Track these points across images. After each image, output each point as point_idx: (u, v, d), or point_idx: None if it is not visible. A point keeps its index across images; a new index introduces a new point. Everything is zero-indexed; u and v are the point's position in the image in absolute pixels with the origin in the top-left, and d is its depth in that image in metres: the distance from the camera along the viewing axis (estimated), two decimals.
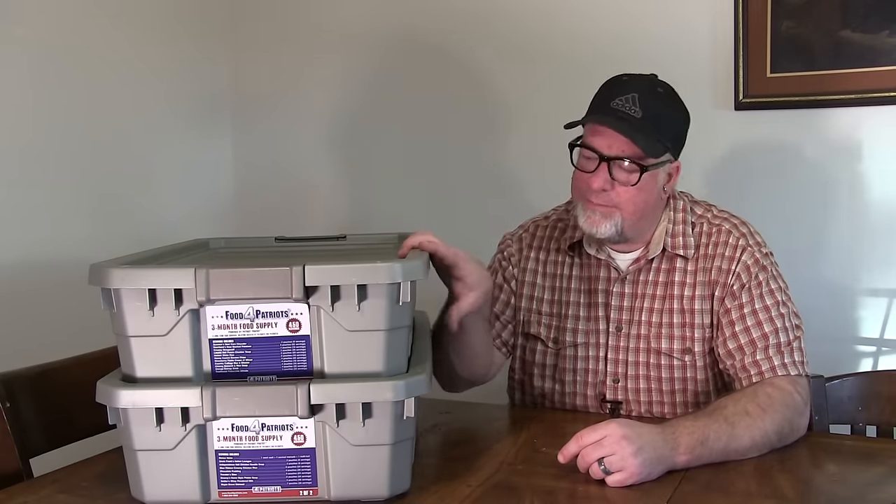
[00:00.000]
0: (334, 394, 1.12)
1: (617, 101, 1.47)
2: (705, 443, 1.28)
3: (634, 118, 1.45)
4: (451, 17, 2.38)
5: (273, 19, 2.60)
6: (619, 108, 1.46)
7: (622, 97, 1.46)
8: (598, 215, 1.49)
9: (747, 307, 1.49)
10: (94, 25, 2.21)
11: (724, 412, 1.33)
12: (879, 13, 1.93)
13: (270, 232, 1.69)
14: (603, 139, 1.47)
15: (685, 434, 1.28)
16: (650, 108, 1.46)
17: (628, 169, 1.47)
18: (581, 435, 1.24)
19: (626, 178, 1.48)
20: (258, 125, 2.65)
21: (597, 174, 1.48)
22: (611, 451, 1.21)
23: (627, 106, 1.46)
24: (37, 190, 2.07)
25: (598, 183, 1.47)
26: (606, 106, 1.48)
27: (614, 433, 1.22)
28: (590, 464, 1.22)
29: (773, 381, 1.43)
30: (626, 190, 1.48)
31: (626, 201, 1.48)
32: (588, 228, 1.51)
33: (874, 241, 2.01)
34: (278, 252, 1.53)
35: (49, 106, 2.09)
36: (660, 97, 1.50)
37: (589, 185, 1.48)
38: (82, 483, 1.28)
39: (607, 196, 1.48)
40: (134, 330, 1.13)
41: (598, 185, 1.47)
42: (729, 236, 1.54)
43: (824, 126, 2.03)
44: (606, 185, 1.47)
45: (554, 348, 1.61)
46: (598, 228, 1.49)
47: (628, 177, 1.47)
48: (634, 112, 1.45)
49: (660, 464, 1.24)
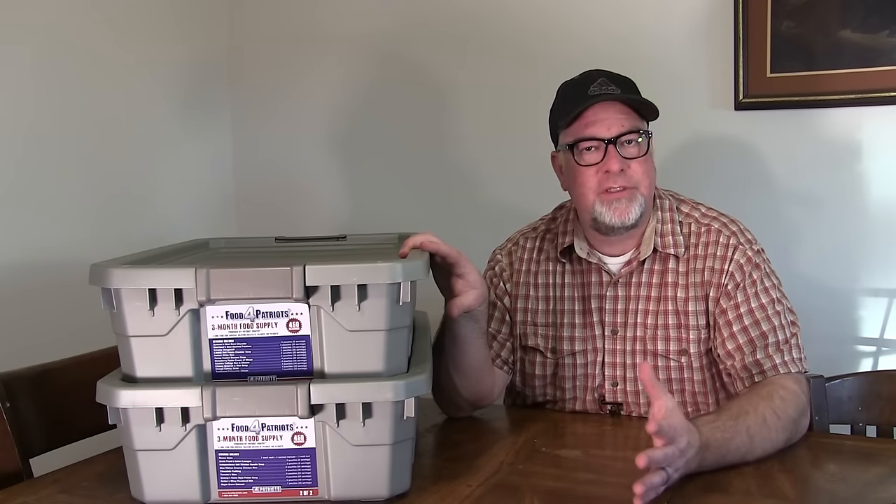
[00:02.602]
0: (334, 394, 1.12)
1: (591, 88, 1.49)
2: (722, 459, 1.24)
3: (616, 92, 1.49)
4: (452, 17, 2.38)
5: (273, 19, 2.60)
6: (598, 91, 1.49)
7: (594, 84, 1.50)
8: (623, 202, 1.49)
9: (743, 307, 1.49)
10: (94, 26, 2.21)
11: (747, 421, 1.29)
12: (879, 13, 1.93)
13: (270, 232, 1.70)
14: (600, 125, 1.48)
15: (711, 452, 1.22)
16: (621, 82, 1.51)
17: (635, 141, 1.49)
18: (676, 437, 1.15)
19: (637, 151, 1.49)
20: (258, 125, 2.65)
21: (609, 159, 1.48)
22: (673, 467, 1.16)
23: (604, 88, 1.49)
24: (36, 190, 2.07)
25: (616, 164, 1.47)
26: (585, 95, 1.49)
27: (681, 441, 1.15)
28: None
29: (782, 383, 1.41)
30: (640, 163, 1.49)
31: (643, 175, 1.50)
32: (618, 220, 1.49)
33: (874, 241, 2.01)
34: (278, 252, 1.53)
35: (49, 106, 2.09)
36: (620, 75, 1.54)
37: (608, 169, 1.48)
38: (82, 483, 1.28)
39: (626, 177, 1.48)
40: (134, 330, 1.13)
41: (617, 166, 1.47)
42: (719, 235, 1.54)
43: (824, 126, 2.03)
44: (623, 164, 1.48)
45: (553, 358, 1.61)
46: (628, 215, 1.49)
47: (637, 149, 1.49)
48: (612, 89, 1.49)
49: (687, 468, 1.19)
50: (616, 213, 1.49)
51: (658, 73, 1.80)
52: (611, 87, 1.49)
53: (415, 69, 2.44)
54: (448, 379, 1.50)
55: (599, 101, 1.48)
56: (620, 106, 1.49)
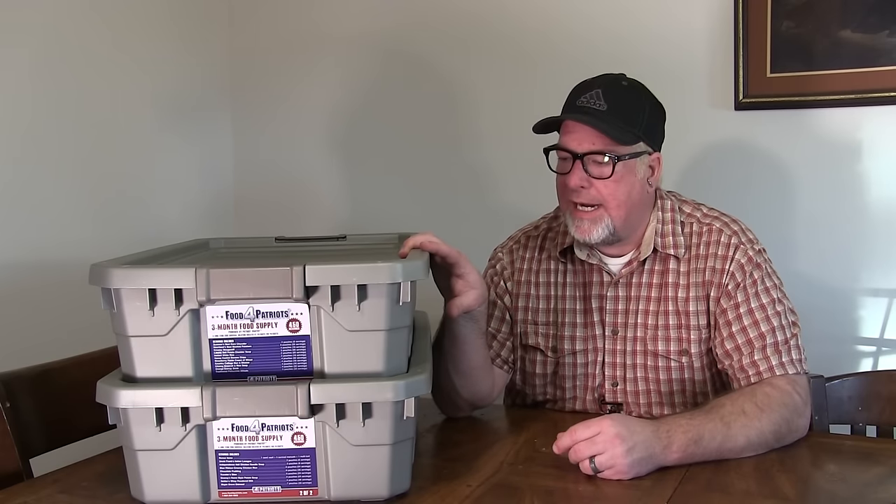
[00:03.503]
0: (334, 394, 1.12)
1: (582, 98, 1.49)
2: (699, 442, 1.29)
3: (600, 111, 1.47)
4: (452, 17, 2.38)
5: (273, 20, 2.60)
6: (584, 104, 1.48)
7: (586, 94, 1.49)
8: (586, 223, 1.50)
9: (743, 307, 1.49)
10: (93, 26, 2.21)
11: (721, 411, 1.34)
12: (879, 13, 1.93)
13: (270, 232, 1.70)
14: (572, 137, 1.49)
15: (679, 433, 1.28)
16: (614, 100, 1.48)
17: (601, 162, 1.48)
18: (575, 430, 1.25)
19: (601, 172, 1.48)
20: (258, 125, 2.65)
21: (573, 173, 1.49)
22: (602, 450, 1.23)
23: (592, 101, 1.48)
24: (36, 190, 2.07)
25: (575, 181, 1.48)
26: (573, 105, 1.50)
27: (607, 431, 1.23)
28: (580, 460, 1.24)
29: (773, 381, 1.43)
30: (605, 184, 1.48)
31: (608, 196, 1.48)
32: (580, 237, 1.51)
33: (874, 241, 2.01)
34: (278, 252, 1.53)
35: (47, 107, 2.09)
36: (624, 89, 1.51)
37: (566, 184, 1.49)
38: (82, 483, 1.28)
39: (588, 194, 1.49)
40: (134, 330, 1.13)
41: (575, 182, 1.48)
42: (720, 235, 1.54)
43: (824, 126, 2.03)
44: (584, 182, 1.48)
45: (553, 357, 1.61)
46: (590, 235, 1.50)
47: (602, 170, 1.48)
48: (599, 105, 1.47)
49: (650, 462, 1.26)
50: (579, 231, 1.51)
51: (658, 73, 1.80)
52: (599, 102, 1.47)
53: (414, 69, 2.44)
54: (447, 379, 1.50)
55: (575, 118, 1.48)
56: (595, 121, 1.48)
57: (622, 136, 1.47)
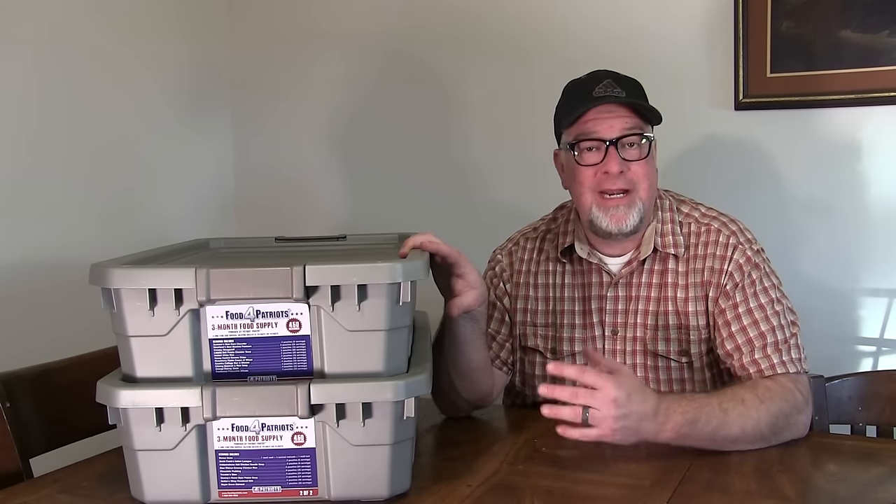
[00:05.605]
0: (334, 394, 1.12)
1: (597, 89, 1.49)
2: (694, 424, 1.30)
3: (621, 96, 1.48)
4: (451, 17, 2.38)
5: (273, 19, 2.60)
6: (603, 93, 1.48)
7: (599, 85, 1.49)
8: (622, 209, 1.49)
9: (742, 306, 1.49)
10: (94, 26, 2.21)
11: (721, 398, 1.35)
12: (879, 13, 1.93)
13: (270, 232, 1.70)
14: (603, 124, 1.48)
15: (677, 413, 1.29)
16: (628, 86, 1.51)
17: (636, 143, 1.48)
18: (584, 372, 1.27)
19: (637, 153, 1.49)
20: (258, 125, 2.65)
21: (608, 160, 1.48)
22: (597, 406, 1.24)
23: (609, 89, 1.49)
24: (37, 191, 2.07)
25: (615, 166, 1.47)
26: (589, 96, 1.49)
27: (608, 392, 1.25)
28: (575, 403, 1.26)
29: (775, 378, 1.43)
30: (640, 165, 1.49)
31: (643, 178, 1.49)
32: (615, 227, 1.50)
33: (874, 241, 2.01)
34: (278, 252, 1.53)
35: (49, 107, 2.09)
36: (628, 77, 1.53)
37: (607, 170, 1.48)
38: (82, 483, 1.28)
39: (625, 178, 1.48)
40: (134, 330, 1.13)
41: (616, 168, 1.47)
42: (719, 235, 1.54)
43: (824, 126, 2.03)
44: (622, 166, 1.48)
45: (553, 358, 1.60)
46: (626, 222, 1.49)
47: (638, 151, 1.49)
48: (618, 92, 1.48)
49: (637, 434, 1.28)
50: (613, 220, 1.50)
51: (658, 74, 1.80)
52: (616, 89, 1.48)
53: (414, 69, 2.44)
54: (447, 379, 1.50)
55: (603, 102, 1.48)
56: (624, 108, 1.49)
57: (653, 114, 1.49)
